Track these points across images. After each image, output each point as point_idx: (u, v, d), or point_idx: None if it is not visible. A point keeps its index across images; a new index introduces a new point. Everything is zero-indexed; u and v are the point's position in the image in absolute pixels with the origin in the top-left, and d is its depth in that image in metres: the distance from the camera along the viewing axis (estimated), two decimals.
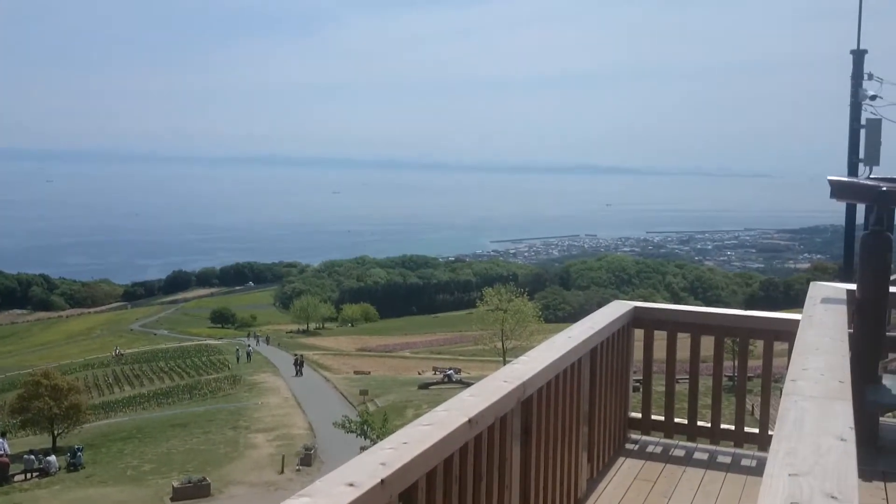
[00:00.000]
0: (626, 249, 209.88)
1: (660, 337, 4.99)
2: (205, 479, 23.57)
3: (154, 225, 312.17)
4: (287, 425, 33.20)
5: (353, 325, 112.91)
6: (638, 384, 5.41)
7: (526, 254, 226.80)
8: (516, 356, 3.71)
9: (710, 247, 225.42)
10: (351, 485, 1.77)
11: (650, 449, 4.88)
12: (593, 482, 4.29)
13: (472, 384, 3.02)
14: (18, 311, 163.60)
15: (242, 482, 24.47)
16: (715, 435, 4.93)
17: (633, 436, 5.05)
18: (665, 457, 4.75)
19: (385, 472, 1.87)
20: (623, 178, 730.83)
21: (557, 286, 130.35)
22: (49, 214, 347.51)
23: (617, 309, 4.69)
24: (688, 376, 4.97)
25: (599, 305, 5.07)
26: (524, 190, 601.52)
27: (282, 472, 25.66)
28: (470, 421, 2.35)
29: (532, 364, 3.19)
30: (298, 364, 51.42)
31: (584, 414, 3.99)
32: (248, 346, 70.08)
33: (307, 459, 26.80)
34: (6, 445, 28.97)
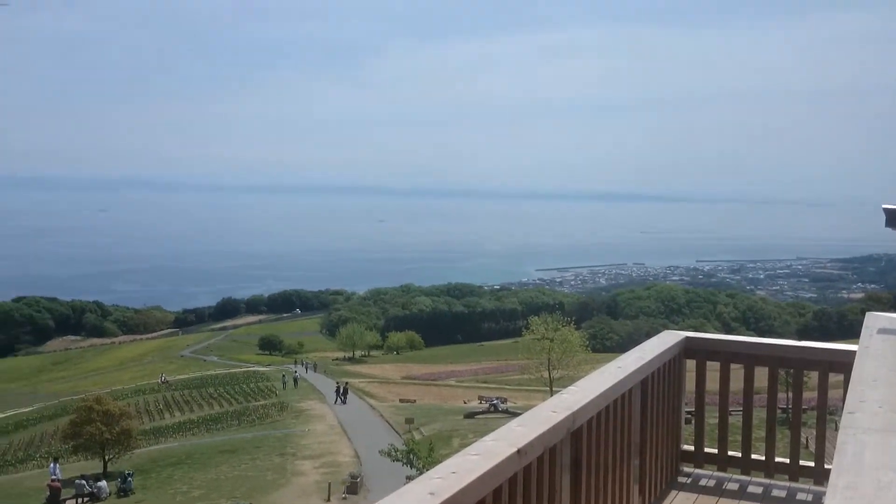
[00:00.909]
0: (675, 279, 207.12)
1: (712, 368, 4.94)
2: None
3: (203, 252, 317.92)
4: (333, 452, 33.30)
5: (398, 353, 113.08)
6: (690, 416, 5.35)
7: (572, 282, 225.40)
8: (563, 386, 3.71)
9: (761, 276, 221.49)
10: None
11: (703, 482, 4.78)
12: None
13: (519, 414, 3.04)
14: (73, 338, 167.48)
15: None
16: (769, 468, 4.82)
17: (686, 469, 4.96)
18: (719, 490, 4.65)
19: (434, 502, 1.85)
20: (668, 206, 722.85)
21: (605, 315, 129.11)
22: (102, 242, 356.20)
23: (668, 339, 4.63)
24: (741, 408, 4.90)
25: (648, 335, 5.01)
26: (560, 217, 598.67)
27: (328, 500, 25.71)
28: (519, 451, 2.34)
29: (582, 394, 3.16)
30: (341, 392, 51.46)
31: (635, 445, 3.93)
32: (296, 372, 70.67)
33: (353, 488, 26.82)
34: (59, 470, 29.55)
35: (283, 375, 68.24)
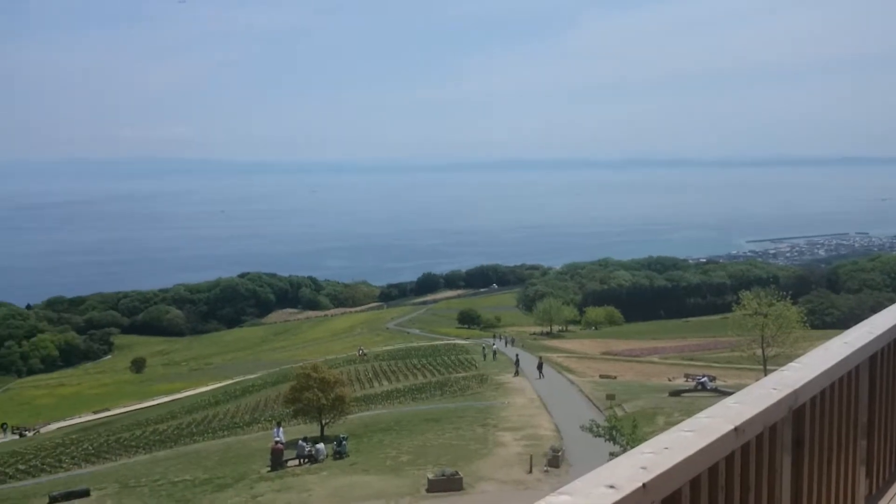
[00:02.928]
0: None
1: None
2: (457, 473, 24.22)
3: (405, 230, 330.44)
4: (533, 426, 33.33)
5: (596, 329, 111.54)
6: None
7: (787, 254, 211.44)
8: (778, 364, 3.26)
9: None
10: (611, 487, 1.74)
11: None
12: (872, 500, 3.87)
13: (729, 392, 2.63)
14: (290, 310, 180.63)
15: (492, 479, 24.85)
16: None
17: None
18: None
19: (646, 477, 1.82)
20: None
21: (824, 289, 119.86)
22: (313, 221, 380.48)
23: None
24: None
25: (874, 310, 4.51)
26: (778, 185, 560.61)
27: (530, 471, 25.73)
28: (736, 429, 2.25)
29: (804, 371, 2.92)
30: (540, 367, 51.55)
31: (862, 426, 3.62)
32: (494, 345, 71.69)
33: (555, 461, 26.66)
34: (281, 433, 31.77)
35: (483, 348, 69.46)
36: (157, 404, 77.74)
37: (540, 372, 50.56)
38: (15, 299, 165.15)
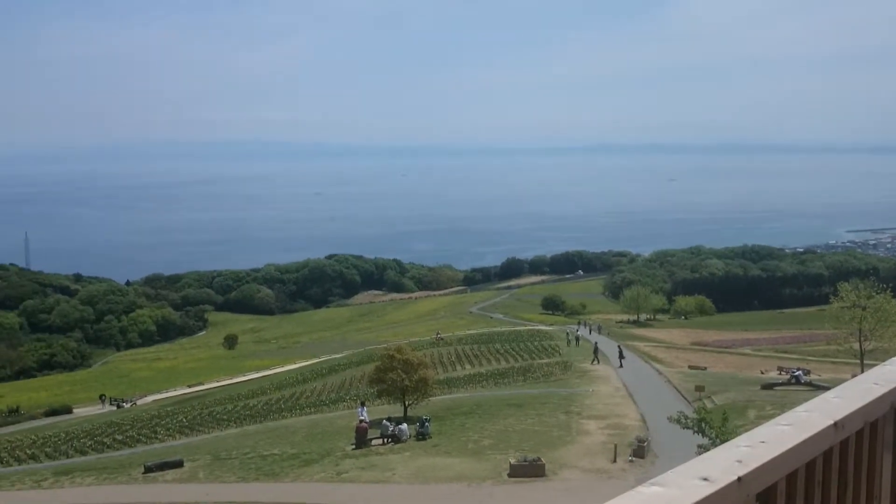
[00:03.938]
0: None
1: None
2: (539, 459, 24.01)
3: (491, 214, 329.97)
4: (618, 415, 32.74)
5: (686, 318, 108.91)
6: None
7: (889, 245, 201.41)
8: (876, 359, 2.90)
9: None
10: (705, 479, 1.70)
11: None
12: None
13: (824, 387, 2.36)
14: (375, 292, 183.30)
15: (575, 466, 24.53)
16: None
17: None
18: None
19: (742, 470, 1.78)
20: None
21: None
22: (402, 204, 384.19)
23: None
24: None
25: None
26: (886, 173, 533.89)
27: (614, 461, 25.29)
28: (836, 424, 2.21)
29: None
30: (621, 355, 50.82)
31: None
32: (578, 332, 70.87)
33: (640, 451, 26.11)
34: (365, 413, 32.21)
35: (567, 334, 68.79)
36: (248, 380, 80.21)
37: (620, 360, 49.83)
38: (115, 276, 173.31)
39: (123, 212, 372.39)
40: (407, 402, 35.33)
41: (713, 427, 24.39)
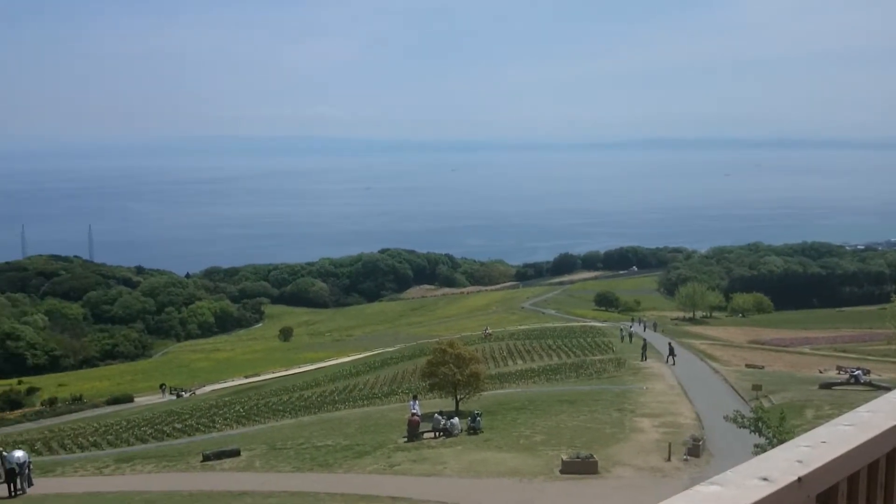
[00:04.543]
0: None
1: None
2: (592, 456, 23.89)
3: (545, 209, 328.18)
4: (673, 413, 32.34)
5: (743, 316, 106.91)
6: None
7: None
8: None
9: None
10: (765, 479, 1.69)
11: None
12: None
13: (884, 387, 2.33)
14: (427, 287, 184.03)
15: (628, 464, 24.34)
16: None
17: None
18: None
19: (802, 471, 1.75)
20: None
21: None
22: (453, 199, 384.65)
23: None
24: None
25: None
26: None
27: (668, 459, 25.01)
28: None
29: None
30: (671, 352, 50.20)
31: None
32: (631, 328, 70.12)
33: (695, 450, 25.77)
34: (417, 406, 32.42)
35: (621, 330, 68.18)
36: (303, 371, 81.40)
37: (671, 357, 49.23)
38: (176, 268, 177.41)
39: (182, 206, 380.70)
40: (459, 397, 35.44)
41: (770, 427, 23.95)
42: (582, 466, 23.17)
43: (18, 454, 25.46)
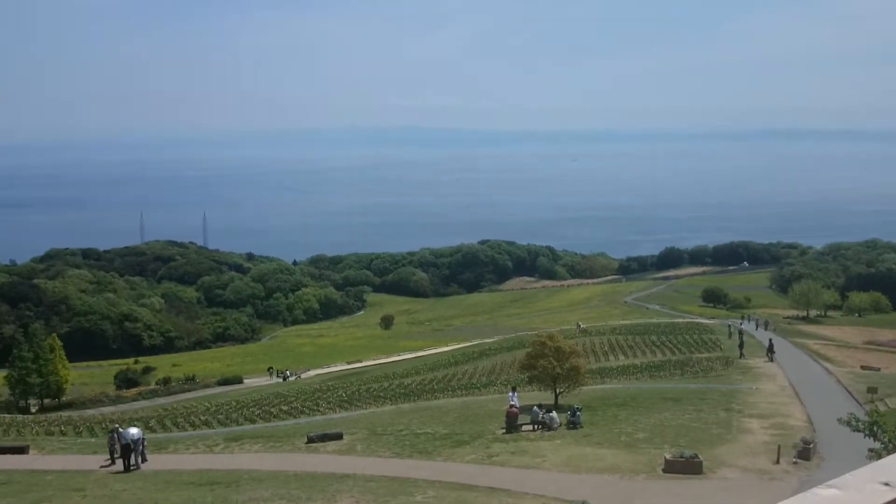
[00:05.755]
0: None
1: None
2: (697, 455, 23.24)
3: (653, 201, 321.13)
4: (783, 414, 31.10)
5: (860, 315, 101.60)
6: None
7: None
8: None
9: None
10: (886, 484, 1.64)
11: None
12: None
13: None
14: (527, 279, 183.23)
15: (734, 466, 23.56)
16: None
17: None
18: None
19: None
20: None
21: None
22: (564, 190, 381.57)
23: None
24: None
25: None
26: None
27: (777, 462, 24.07)
28: None
29: None
30: (770, 349, 48.70)
31: None
32: (741, 326, 67.81)
33: (805, 453, 24.70)
34: (516, 398, 32.32)
35: (729, 327, 66.08)
36: (402, 360, 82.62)
37: (770, 354, 47.65)
38: (283, 255, 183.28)
39: (293, 194, 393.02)
40: (558, 390, 35.10)
41: (886, 431, 22.72)
42: (686, 466, 22.59)
43: (133, 431, 26.77)
